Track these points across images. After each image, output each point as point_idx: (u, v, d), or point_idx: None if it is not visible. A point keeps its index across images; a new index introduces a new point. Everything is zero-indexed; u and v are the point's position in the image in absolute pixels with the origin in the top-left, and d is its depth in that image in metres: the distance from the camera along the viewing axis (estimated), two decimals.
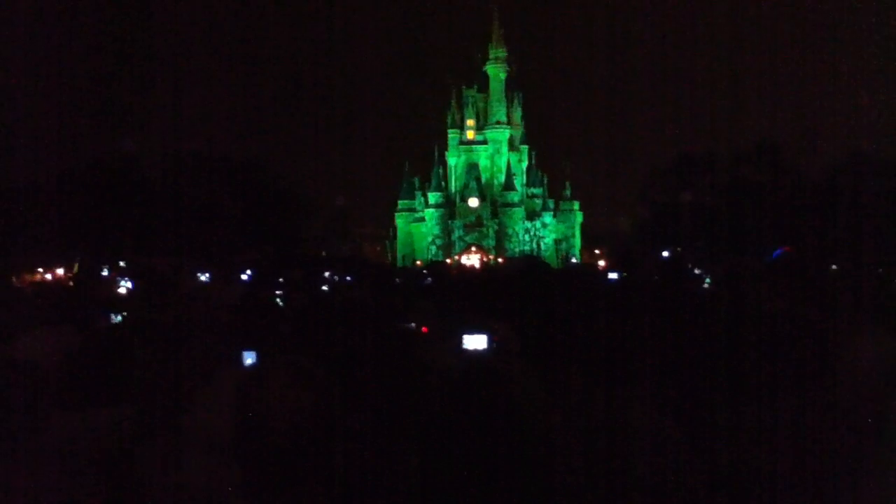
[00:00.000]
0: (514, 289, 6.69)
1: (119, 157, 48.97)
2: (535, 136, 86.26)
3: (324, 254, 51.35)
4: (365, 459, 2.90)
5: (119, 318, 5.36)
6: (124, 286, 14.27)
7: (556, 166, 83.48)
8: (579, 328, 3.93)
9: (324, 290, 11.12)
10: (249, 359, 4.49)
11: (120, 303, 6.60)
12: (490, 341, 3.54)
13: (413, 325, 5.17)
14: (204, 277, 10.59)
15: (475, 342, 3.54)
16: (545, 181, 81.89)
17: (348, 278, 16.26)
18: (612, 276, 9.06)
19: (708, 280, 14.22)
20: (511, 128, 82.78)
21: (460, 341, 3.59)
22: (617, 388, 3.31)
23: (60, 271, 35.20)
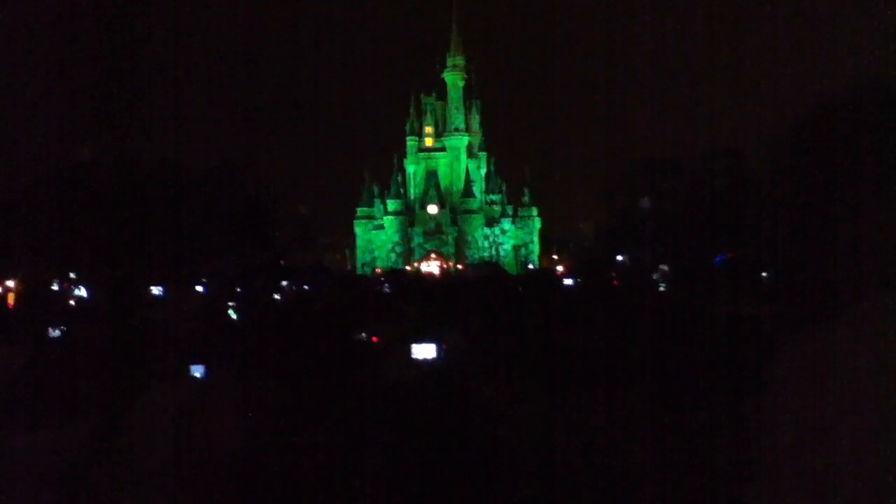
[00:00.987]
0: (474, 296, 6.68)
1: (74, 166, 48.06)
2: (494, 142, 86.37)
3: (282, 262, 50.90)
4: (311, 472, 2.87)
5: (58, 332, 5.22)
6: (77, 295, 13.96)
7: (514, 173, 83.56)
8: (535, 334, 3.92)
9: (278, 300, 11.01)
10: (197, 372, 4.41)
11: (68, 315, 6.44)
12: (439, 350, 3.51)
13: (364, 335, 5.14)
14: (157, 290, 10.39)
15: (424, 352, 3.51)
16: (504, 188, 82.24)
17: (306, 287, 16.12)
18: (568, 281, 9.13)
19: (662, 284, 14.36)
20: (469, 135, 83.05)
21: (409, 351, 3.56)
22: (573, 392, 3.31)
23: (11, 283, 34.39)
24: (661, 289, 13.30)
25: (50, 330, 5.32)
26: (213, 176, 53.45)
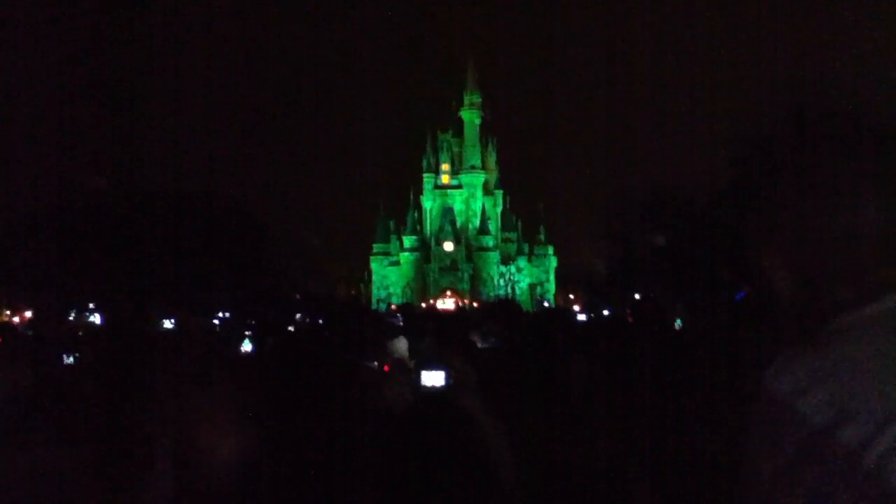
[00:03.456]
0: (485, 327, 6.63)
1: (88, 195, 48.55)
2: (510, 180, 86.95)
3: (298, 296, 50.96)
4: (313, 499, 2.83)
5: (72, 359, 5.20)
6: (90, 322, 13.99)
7: (530, 210, 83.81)
8: (545, 364, 3.88)
9: (290, 331, 10.97)
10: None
11: (78, 343, 6.45)
12: (447, 378, 3.47)
13: (375, 363, 5.10)
14: (169, 324, 10.38)
15: (433, 379, 3.46)
16: (519, 225, 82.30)
17: (320, 321, 16.07)
18: (581, 317, 9.10)
19: (679, 321, 14.19)
20: (486, 172, 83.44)
21: (418, 378, 3.52)
22: (576, 424, 3.26)
23: (28, 314, 34.60)
24: (677, 327, 13.10)
25: (64, 357, 5.32)
26: (226, 206, 53.80)
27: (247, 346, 10.14)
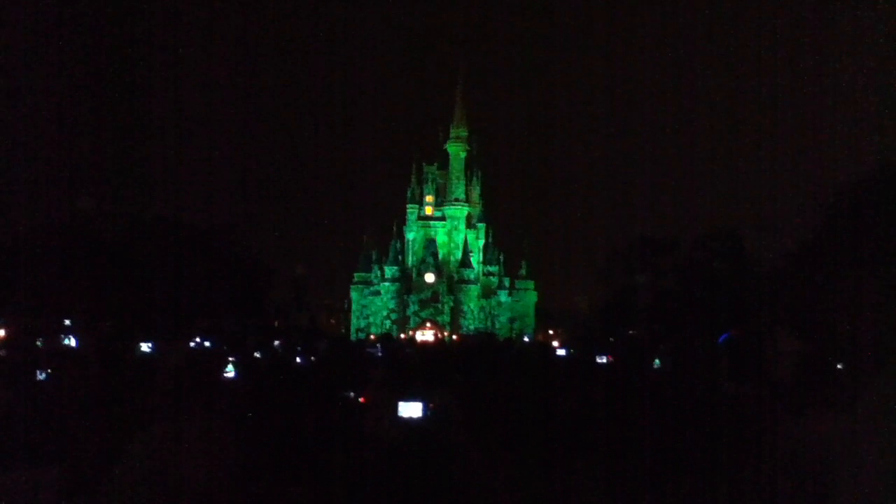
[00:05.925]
0: (465, 358, 6.63)
1: (74, 217, 48.20)
2: (494, 214, 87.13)
3: (276, 324, 50.70)
4: None
5: (44, 375, 5.16)
6: (65, 344, 13.82)
7: (512, 245, 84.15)
8: (526, 398, 3.88)
9: (256, 357, 10.89)
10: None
11: (54, 360, 6.39)
12: (425, 409, 3.46)
13: (352, 394, 5.08)
14: (146, 347, 10.30)
15: (410, 410, 3.45)
16: (502, 259, 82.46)
17: (298, 348, 15.98)
18: (561, 352, 9.09)
19: (658, 361, 14.24)
20: (469, 205, 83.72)
21: (396, 409, 3.51)
22: (556, 462, 3.26)
23: (1, 332, 34.03)
24: (656, 366, 13.14)
25: (37, 373, 5.28)
26: (212, 233, 53.55)
27: (230, 373, 10.07)
